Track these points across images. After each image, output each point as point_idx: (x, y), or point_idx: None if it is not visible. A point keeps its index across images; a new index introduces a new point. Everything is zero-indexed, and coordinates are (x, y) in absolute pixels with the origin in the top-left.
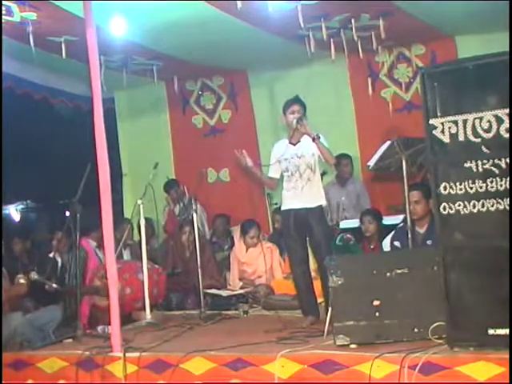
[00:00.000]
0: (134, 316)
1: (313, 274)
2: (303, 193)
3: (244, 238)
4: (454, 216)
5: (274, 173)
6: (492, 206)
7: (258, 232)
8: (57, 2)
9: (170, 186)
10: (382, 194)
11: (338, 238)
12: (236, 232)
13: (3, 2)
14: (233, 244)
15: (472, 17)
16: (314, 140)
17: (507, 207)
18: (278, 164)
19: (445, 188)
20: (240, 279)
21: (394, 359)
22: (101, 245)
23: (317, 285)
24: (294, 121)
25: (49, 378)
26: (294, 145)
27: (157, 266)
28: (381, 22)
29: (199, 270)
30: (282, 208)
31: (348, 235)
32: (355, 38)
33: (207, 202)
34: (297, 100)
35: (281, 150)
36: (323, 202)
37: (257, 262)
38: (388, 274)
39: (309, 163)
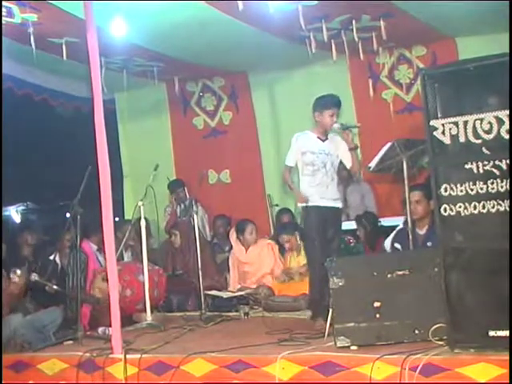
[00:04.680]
0: (135, 318)
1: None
2: (329, 191)
3: (243, 236)
4: (455, 217)
5: (292, 162)
6: (493, 207)
7: (255, 228)
8: (57, 3)
9: (175, 185)
10: (382, 195)
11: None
12: (232, 235)
13: (4, 3)
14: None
15: (473, 18)
16: (352, 149)
17: (508, 209)
18: (300, 155)
19: (445, 189)
20: (242, 282)
21: (394, 361)
22: (101, 248)
23: None
24: (338, 125)
25: (49, 379)
26: (323, 141)
27: (157, 268)
28: (381, 23)
29: (199, 272)
30: (309, 203)
31: (349, 237)
32: (356, 39)
33: (208, 204)
34: (339, 104)
35: (307, 142)
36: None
37: (258, 260)
38: (389, 276)
39: (334, 162)
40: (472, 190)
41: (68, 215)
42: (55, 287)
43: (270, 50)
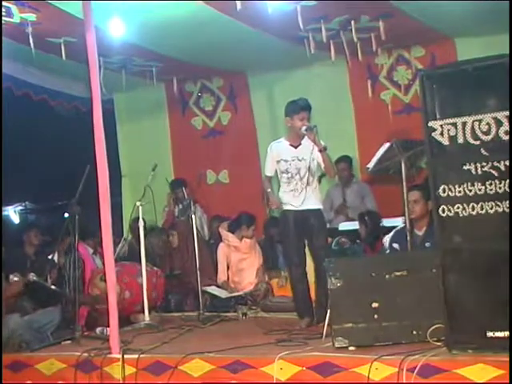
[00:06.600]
0: (132, 318)
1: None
2: (302, 195)
3: (247, 229)
4: (453, 218)
5: (270, 172)
6: (491, 208)
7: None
8: (56, 3)
9: (174, 185)
10: (381, 196)
11: (334, 241)
12: (223, 225)
13: (3, 3)
14: None
15: (472, 19)
16: (320, 151)
17: (506, 210)
18: (276, 164)
19: (444, 190)
20: (238, 279)
21: (392, 361)
22: (97, 251)
23: (311, 287)
24: (303, 128)
25: (47, 379)
26: (295, 147)
27: (155, 269)
28: (380, 24)
29: (197, 272)
30: (282, 208)
31: (343, 239)
32: (355, 39)
33: (206, 204)
34: (308, 107)
35: (280, 150)
36: (321, 206)
37: (254, 250)
38: (387, 276)
39: (309, 166)
40: (470, 191)
41: (66, 215)
42: (53, 287)
43: (269, 51)
